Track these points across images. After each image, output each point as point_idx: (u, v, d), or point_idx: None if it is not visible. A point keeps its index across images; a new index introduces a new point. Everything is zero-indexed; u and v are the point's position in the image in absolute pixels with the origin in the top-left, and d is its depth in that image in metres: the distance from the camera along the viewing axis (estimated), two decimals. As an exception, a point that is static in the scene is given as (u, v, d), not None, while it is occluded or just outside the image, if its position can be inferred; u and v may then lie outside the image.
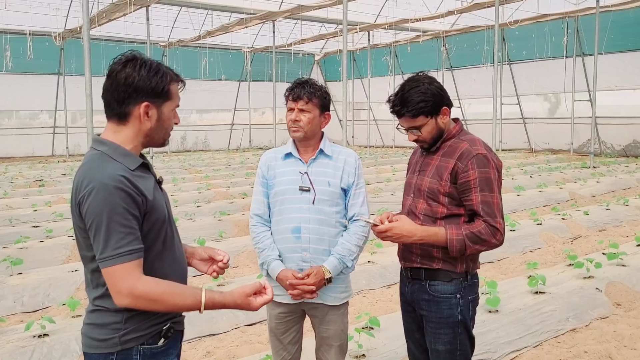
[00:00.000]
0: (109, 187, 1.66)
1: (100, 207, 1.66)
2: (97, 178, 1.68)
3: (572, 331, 4.25)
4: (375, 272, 5.66)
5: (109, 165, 1.72)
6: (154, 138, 1.86)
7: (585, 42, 18.62)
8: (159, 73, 1.81)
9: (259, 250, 2.67)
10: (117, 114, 1.80)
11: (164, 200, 1.89)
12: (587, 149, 18.22)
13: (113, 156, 1.76)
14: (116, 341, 1.74)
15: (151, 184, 1.83)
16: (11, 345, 3.83)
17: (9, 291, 5.10)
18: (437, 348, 2.42)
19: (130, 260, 1.66)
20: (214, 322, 4.50)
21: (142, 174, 1.81)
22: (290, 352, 2.73)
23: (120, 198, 1.67)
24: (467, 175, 2.30)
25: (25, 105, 22.00)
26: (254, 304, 1.82)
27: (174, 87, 1.86)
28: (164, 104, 1.83)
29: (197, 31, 20.78)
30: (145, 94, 1.78)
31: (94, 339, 1.77)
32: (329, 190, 2.61)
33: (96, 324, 1.77)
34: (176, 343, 1.91)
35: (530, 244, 6.99)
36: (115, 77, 1.78)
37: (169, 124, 1.88)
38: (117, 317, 1.74)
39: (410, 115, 2.34)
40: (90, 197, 1.67)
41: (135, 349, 1.76)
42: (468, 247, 2.28)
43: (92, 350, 1.77)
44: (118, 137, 1.80)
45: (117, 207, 1.66)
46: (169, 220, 1.87)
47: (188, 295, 1.73)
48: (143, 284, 1.67)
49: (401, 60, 24.49)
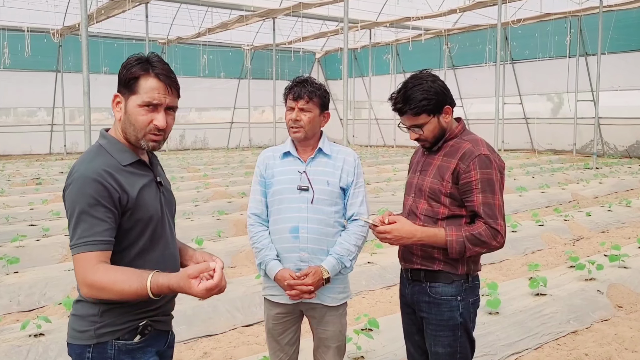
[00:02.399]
0: (86, 178, 1.72)
1: (75, 196, 1.72)
2: (80, 170, 1.75)
3: (573, 333, 4.21)
4: (375, 273, 5.61)
5: (99, 158, 1.78)
6: (128, 133, 1.83)
7: (588, 42, 18.57)
8: (134, 64, 1.79)
9: (256, 250, 2.64)
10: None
11: (160, 201, 1.88)
12: (589, 150, 18.18)
13: (109, 150, 1.81)
14: (92, 334, 1.77)
15: (141, 182, 1.83)
16: (7, 344, 3.79)
17: (5, 290, 5.05)
18: (437, 350, 2.39)
19: (91, 250, 1.68)
20: (212, 323, 4.46)
21: (135, 171, 1.82)
22: (287, 353, 2.70)
23: (94, 190, 1.71)
24: (468, 176, 2.27)
25: (23, 103, 21.94)
26: (195, 288, 1.64)
27: (145, 82, 1.78)
28: (129, 97, 1.81)
29: (196, 28, 20.73)
30: (119, 83, 1.84)
31: (74, 329, 1.80)
32: (327, 190, 2.58)
33: (78, 315, 1.81)
34: (157, 342, 1.88)
35: (531, 245, 6.94)
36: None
37: (136, 119, 1.79)
38: (94, 309, 1.77)
39: (412, 113, 2.30)
40: (70, 187, 1.74)
41: (110, 344, 1.77)
42: (468, 249, 2.24)
43: (72, 341, 1.81)
44: (116, 132, 1.87)
45: (88, 199, 1.70)
46: (161, 220, 1.87)
47: (134, 280, 1.67)
48: (93, 273, 1.67)
49: (403, 59, 24.45)
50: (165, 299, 1.87)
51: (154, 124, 1.80)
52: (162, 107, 1.82)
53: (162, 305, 1.88)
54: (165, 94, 1.81)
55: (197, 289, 1.64)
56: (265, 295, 2.69)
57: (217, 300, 4.71)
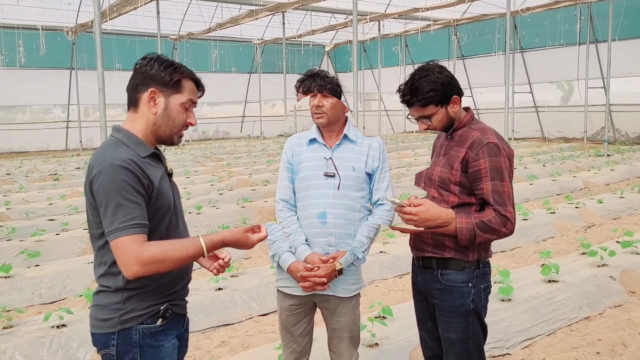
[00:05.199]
0: (116, 167, 1.78)
1: (108, 184, 1.77)
2: (107, 160, 1.81)
3: (585, 319, 4.25)
4: (388, 262, 5.68)
5: (120, 149, 1.85)
6: (160, 128, 1.94)
7: (598, 29, 18.37)
8: (172, 66, 1.93)
9: (285, 235, 2.67)
10: (131, 100, 1.96)
11: (172, 191, 1.99)
12: (600, 137, 18.05)
13: (127, 143, 1.89)
14: (116, 321, 1.85)
15: (159, 173, 1.93)
16: (30, 335, 3.90)
17: (27, 283, 5.19)
18: (449, 337, 2.43)
19: (136, 233, 1.76)
20: (228, 313, 4.56)
21: (152, 163, 1.93)
22: (300, 344, 2.73)
23: (126, 176, 1.78)
24: (477, 164, 2.30)
25: (39, 100, 22.18)
26: (252, 239, 1.92)
27: (186, 83, 1.95)
28: (172, 95, 1.93)
29: (207, 24, 20.80)
30: (155, 81, 1.91)
31: (97, 319, 1.88)
32: (353, 175, 2.61)
33: (100, 305, 1.88)
34: (176, 325, 1.98)
35: (543, 233, 6.96)
36: (135, 68, 1.96)
37: (177, 116, 1.95)
38: (117, 297, 1.85)
39: (420, 104, 2.33)
40: (100, 177, 1.79)
41: (135, 329, 1.86)
42: (478, 235, 2.28)
43: (97, 330, 1.88)
44: (134, 126, 1.94)
45: (124, 184, 1.77)
46: (175, 210, 1.97)
47: (189, 245, 1.83)
48: (146, 249, 1.76)
49: (412, 50, 24.35)
50: (182, 284, 2.00)
51: (189, 121, 1.99)
52: (193, 107, 2.01)
53: (179, 289, 1.99)
54: (197, 96, 2.01)
55: (253, 239, 1.92)
56: (279, 287, 2.72)
57: (234, 291, 4.81)
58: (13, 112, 22.28)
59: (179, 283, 1.98)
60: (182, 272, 1.98)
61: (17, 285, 5.15)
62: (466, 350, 2.41)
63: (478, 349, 2.44)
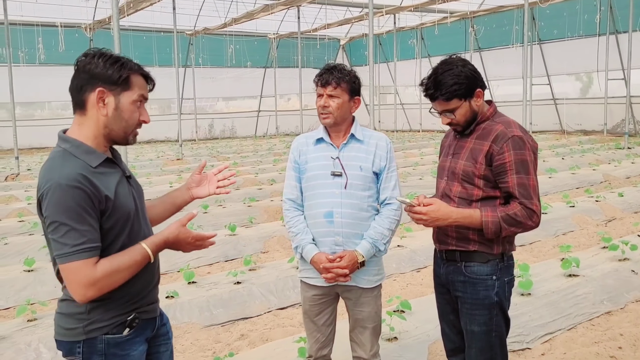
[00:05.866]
0: (64, 187, 1.67)
1: (57, 206, 1.67)
2: (54, 177, 1.69)
3: (607, 314, 4.21)
4: (405, 256, 5.67)
5: (68, 163, 1.73)
6: (113, 130, 1.82)
7: (619, 19, 18.06)
8: (118, 62, 1.80)
9: (292, 234, 2.70)
10: (77, 103, 1.82)
11: (132, 195, 1.89)
12: (621, 130, 17.79)
13: (75, 154, 1.76)
14: (80, 331, 1.79)
15: (114, 180, 1.83)
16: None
17: (49, 277, 5.24)
18: (472, 329, 2.42)
19: (88, 257, 1.69)
20: (247, 306, 4.59)
21: (106, 170, 1.81)
22: (324, 333, 2.76)
23: (76, 197, 1.68)
24: (502, 157, 2.29)
25: (57, 97, 22.42)
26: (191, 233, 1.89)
27: (135, 78, 1.84)
28: (122, 93, 1.81)
29: (222, 19, 20.84)
30: (101, 80, 1.78)
31: (62, 327, 1.83)
32: (361, 175, 2.62)
33: (64, 314, 1.83)
34: (145, 331, 1.94)
35: (562, 227, 6.90)
36: (76, 67, 1.81)
37: (129, 116, 1.83)
38: (81, 307, 1.79)
39: (444, 98, 2.32)
40: (48, 197, 1.69)
41: (100, 339, 1.81)
42: (504, 229, 2.27)
43: (61, 337, 1.84)
44: (82, 132, 1.81)
45: (73, 206, 1.67)
46: (137, 215, 1.89)
47: (136, 254, 1.79)
48: (97, 271, 1.71)
49: (428, 43, 24.18)
50: (148, 289, 1.94)
51: (142, 119, 1.88)
52: (144, 102, 1.89)
53: (146, 295, 1.93)
54: (148, 91, 1.90)
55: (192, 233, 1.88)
56: (302, 278, 2.75)
57: (252, 284, 4.85)
58: (32, 108, 22.62)
59: (145, 289, 1.92)
60: (147, 277, 1.91)
61: (40, 278, 5.24)
62: (489, 343, 2.41)
63: (501, 342, 2.44)
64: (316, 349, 2.77)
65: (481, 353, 2.42)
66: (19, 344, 3.76)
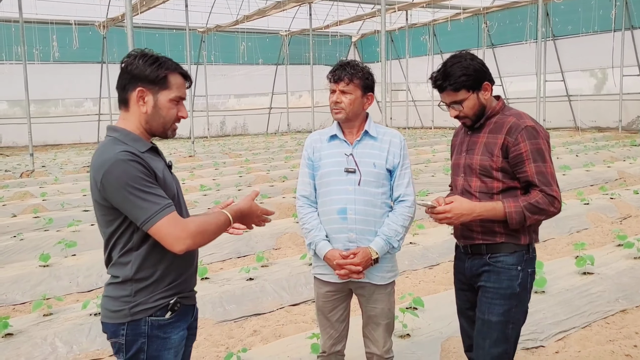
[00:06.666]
0: (124, 161, 1.81)
1: (123, 177, 1.79)
2: (111, 157, 1.82)
3: (622, 312, 4.17)
4: (418, 253, 5.66)
5: (120, 146, 1.87)
6: (152, 125, 1.97)
7: (634, 14, 17.85)
8: (157, 63, 1.94)
9: (306, 231, 2.71)
10: (121, 101, 1.97)
11: (174, 182, 2.03)
12: (636, 126, 17.59)
13: (124, 140, 1.90)
14: (126, 312, 1.89)
15: (161, 165, 1.97)
16: (69, 322, 4.03)
17: (64, 272, 5.34)
18: (489, 319, 2.41)
19: (171, 212, 1.82)
20: (259, 302, 4.61)
21: (152, 157, 1.95)
22: (337, 329, 2.77)
23: (138, 167, 1.81)
24: (518, 148, 2.32)
25: (71, 94, 22.70)
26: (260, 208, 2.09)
27: (173, 78, 1.96)
28: (160, 92, 1.94)
29: (234, 16, 20.90)
30: (141, 80, 1.92)
31: (108, 309, 1.93)
32: (374, 172, 2.62)
33: (110, 297, 1.93)
34: (186, 317, 2.02)
35: (577, 224, 6.84)
36: (121, 67, 1.96)
37: (167, 113, 1.97)
38: (127, 290, 1.90)
39: (452, 89, 2.35)
40: (110, 174, 1.80)
41: (144, 321, 1.90)
42: (528, 217, 2.30)
43: (107, 320, 1.94)
44: (127, 124, 1.96)
45: (139, 175, 1.81)
46: (178, 201, 2.00)
47: (218, 215, 1.95)
48: (190, 223, 1.85)
49: (440, 40, 24.06)
50: (188, 273, 2.04)
51: (180, 115, 2.02)
52: (183, 100, 2.03)
53: (187, 280, 2.03)
54: (185, 89, 2.02)
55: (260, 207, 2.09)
56: (315, 274, 2.76)
57: (264, 281, 4.87)
58: (47, 105, 22.84)
59: (184, 273, 2.00)
60: (187, 261, 2.01)
61: (55, 274, 5.30)
62: (505, 335, 2.40)
63: (516, 336, 2.44)
64: (330, 345, 2.78)
65: (495, 345, 2.40)
66: (35, 338, 3.81)
